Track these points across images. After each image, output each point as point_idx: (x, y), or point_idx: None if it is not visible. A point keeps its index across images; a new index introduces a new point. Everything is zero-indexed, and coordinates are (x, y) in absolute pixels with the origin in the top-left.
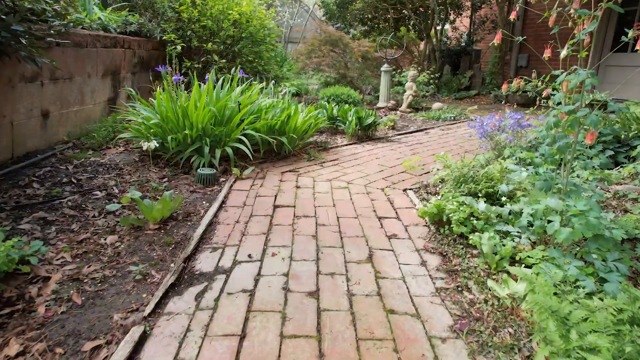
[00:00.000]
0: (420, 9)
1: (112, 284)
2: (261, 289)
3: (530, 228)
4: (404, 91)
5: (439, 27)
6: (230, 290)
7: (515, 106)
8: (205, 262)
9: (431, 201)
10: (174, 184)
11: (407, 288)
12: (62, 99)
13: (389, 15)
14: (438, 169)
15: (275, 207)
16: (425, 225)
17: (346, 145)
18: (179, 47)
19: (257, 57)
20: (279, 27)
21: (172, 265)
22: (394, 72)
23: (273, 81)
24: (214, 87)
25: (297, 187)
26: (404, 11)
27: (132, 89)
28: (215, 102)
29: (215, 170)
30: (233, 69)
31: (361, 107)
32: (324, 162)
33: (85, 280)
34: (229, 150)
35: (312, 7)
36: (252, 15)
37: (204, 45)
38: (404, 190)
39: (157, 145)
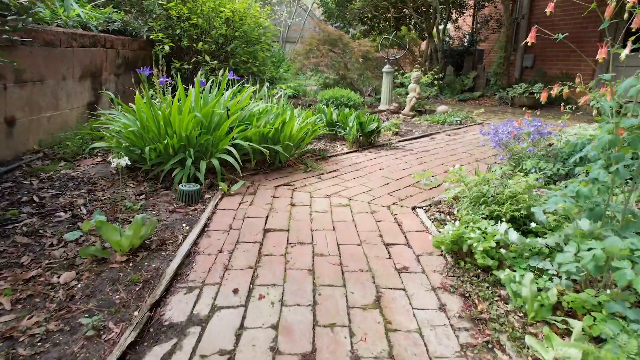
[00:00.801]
0: (422, 7)
1: (55, 343)
2: (243, 349)
3: (576, 265)
4: (407, 93)
5: (440, 27)
6: (204, 352)
7: (523, 109)
8: (177, 308)
9: (446, 223)
10: (152, 201)
11: (425, 345)
12: (31, 104)
13: (389, 15)
14: (451, 184)
15: (266, 231)
16: (441, 255)
17: (347, 153)
18: (167, 47)
19: (251, 58)
20: (275, 26)
21: (136, 313)
22: (396, 73)
23: (267, 83)
24: (202, 90)
25: (292, 204)
26: (404, 10)
27: (111, 93)
28: (202, 107)
29: (199, 186)
30: (222, 70)
31: (362, 111)
32: (322, 174)
33: (22, 339)
34: (216, 163)
35: (310, 5)
36: (245, 13)
37: (195, 45)
38: (413, 208)
39: (128, 163)
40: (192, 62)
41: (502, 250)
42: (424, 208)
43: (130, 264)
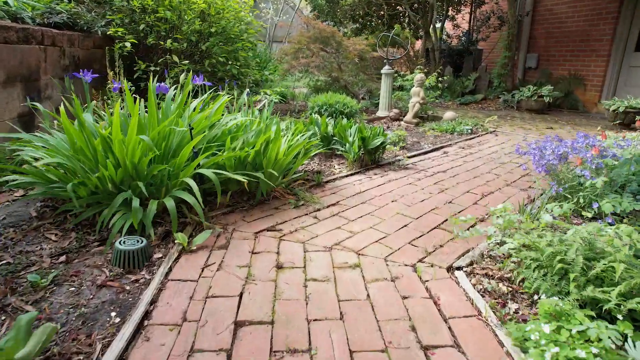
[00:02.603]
0: (417, 4)
1: None
2: None
3: None
4: (409, 97)
5: (437, 25)
6: None
7: (532, 114)
8: None
9: (505, 303)
10: (75, 266)
11: None
12: None
13: (382, 12)
14: (496, 230)
15: (239, 324)
16: None
17: (347, 176)
18: (128, 44)
19: (231, 58)
20: (259, 22)
21: None
22: (396, 75)
23: (248, 89)
24: (167, 100)
25: (279, 267)
26: (398, 7)
27: (38, 104)
28: (158, 124)
29: (145, 241)
30: (198, 73)
31: (360, 117)
32: (318, 210)
33: None
34: (170, 204)
35: (298, 2)
36: (223, 6)
37: (162, 42)
38: (449, 269)
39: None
40: (159, 63)
41: None
42: (465, 269)
43: None
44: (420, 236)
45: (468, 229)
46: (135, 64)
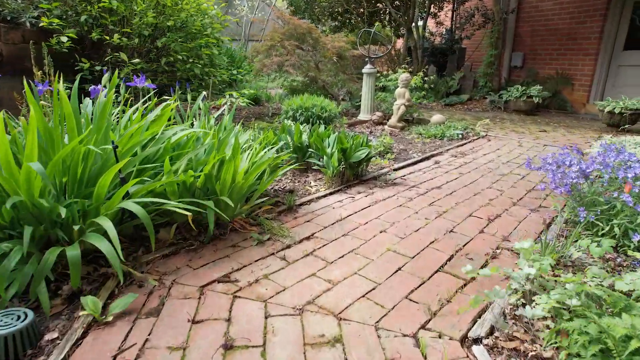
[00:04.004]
0: (397, 1)
1: None
2: None
3: None
4: (393, 98)
5: (420, 23)
6: None
7: (521, 115)
8: None
9: None
10: None
11: None
12: None
13: (362, 9)
14: (521, 282)
15: None
16: None
17: (325, 195)
18: (64, 39)
19: (193, 56)
20: (227, 16)
21: None
22: (378, 74)
23: (204, 93)
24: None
25: (228, 346)
26: (378, 4)
27: None
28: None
29: (29, 317)
30: (157, 74)
31: (340, 121)
32: (288, 247)
33: None
34: (72, 254)
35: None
36: None
37: (107, 37)
38: (464, 340)
39: None
40: (105, 61)
41: None
42: (485, 342)
43: None
44: (420, 285)
45: (478, 273)
46: (78, 62)
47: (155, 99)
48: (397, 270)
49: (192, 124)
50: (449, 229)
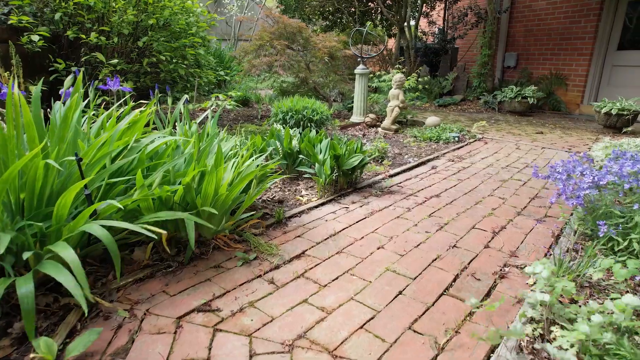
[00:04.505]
0: (389, 0)
1: None
2: None
3: None
4: (386, 100)
5: (412, 22)
6: None
7: (515, 116)
8: None
9: None
10: None
11: None
12: None
13: (353, 9)
14: (538, 310)
15: None
16: None
17: (317, 206)
18: (36, 37)
19: (177, 56)
20: (213, 14)
21: None
22: (371, 75)
23: (186, 96)
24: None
25: None
26: (370, 4)
27: None
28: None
29: None
30: (137, 75)
31: (331, 124)
32: (277, 267)
33: None
34: (23, 292)
35: None
36: None
37: (84, 36)
38: None
39: None
40: (82, 62)
41: None
42: None
43: None
44: (424, 312)
45: (489, 294)
46: (53, 63)
47: (132, 102)
48: (397, 295)
49: (174, 130)
50: (452, 243)
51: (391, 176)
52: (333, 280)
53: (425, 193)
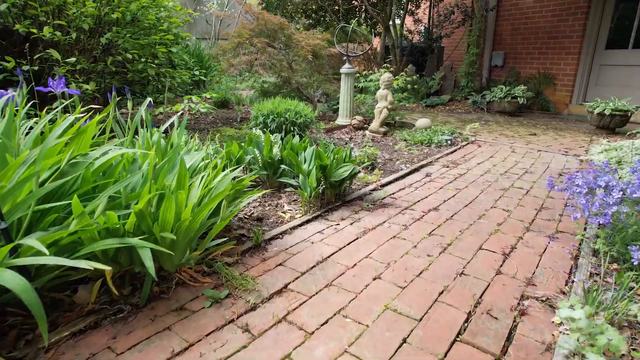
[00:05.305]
0: None
1: None
2: None
3: None
4: (373, 100)
5: (397, 21)
6: None
7: (505, 116)
8: None
9: None
10: None
11: None
12: None
13: (337, 7)
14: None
15: None
16: None
17: (302, 224)
18: None
19: (147, 55)
20: (186, 9)
21: None
22: (357, 75)
23: (149, 99)
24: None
25: None
26: (354, 1)
27: None
28: None
29: None
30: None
31: (316, 127)
32: (253, 308)
33: None
34: None
35: None
36: None
37: (35, 31)
38: None
39: None
40: (35, 60)
41: None
42: None
43: None
44: None
45: (510, 338)
46: (4, 62)
47: (82, 106)
48: (401, 344)
49: (136, 138)
50: (459, 270)
51: (383, 185)
52: (322, 325)
53: (422, 206)
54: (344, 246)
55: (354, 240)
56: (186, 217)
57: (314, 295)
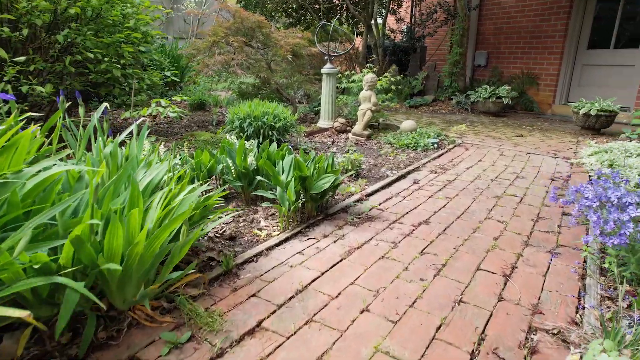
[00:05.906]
0: None
1: None
2: None
3: None
4: (356, 101)
5: (379, 20)
6: None
7: (490, 117)
8: None
9: None
10: None
11: None
12: None
13: (318, 5)
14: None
15: None
16: None
17: (279, 244)
18: None
19: (111, 54)
20: (156, 5)
21: None
22: (339, 75)
23: (106, 105)
24: None
25: None
26: (335, 0)
27: None
28: None
29: None
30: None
31: (297, 130)
32: (219, 354)
33: None
34: None
35: None
36: None
37: None
38: None
39: None
40: None
41: None
42: None
43: None
44: None
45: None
46: None
47: (18, 113)
48: None
49: (86, 152)
50: (457, 297)
51: (368, 195)
52: None
53: (412, 218)
54: (327, 270)
55: (337, 263)
56: (137, 252)
57: (291, 335)
